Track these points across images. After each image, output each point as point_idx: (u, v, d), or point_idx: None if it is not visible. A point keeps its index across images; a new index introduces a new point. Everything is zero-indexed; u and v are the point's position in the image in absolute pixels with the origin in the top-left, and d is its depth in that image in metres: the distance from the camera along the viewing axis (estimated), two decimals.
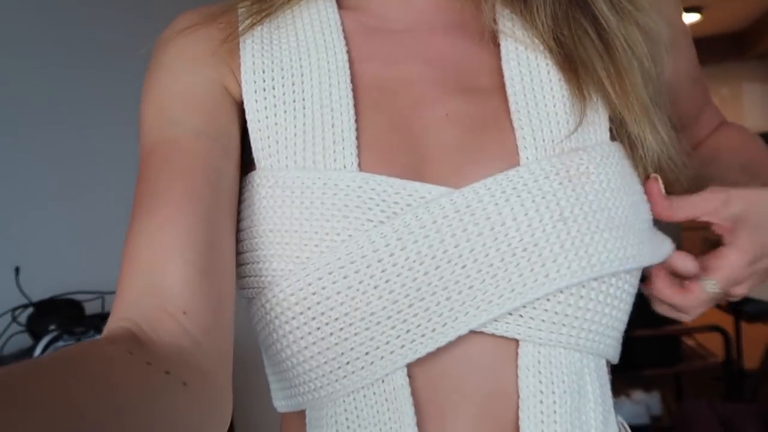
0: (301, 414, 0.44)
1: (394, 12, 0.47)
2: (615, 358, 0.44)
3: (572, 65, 0.42)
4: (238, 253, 0.43)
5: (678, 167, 0.46)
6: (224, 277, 0.37)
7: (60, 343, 1.19)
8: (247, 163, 0.44)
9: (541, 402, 0.39)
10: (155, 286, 0.33)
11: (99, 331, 1.24)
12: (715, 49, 5.65)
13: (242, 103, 0.44)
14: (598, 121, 0.43)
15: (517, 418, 0.39)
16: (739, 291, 0.47)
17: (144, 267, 0.34)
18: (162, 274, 0.34)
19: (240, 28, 0.44)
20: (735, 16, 4.92)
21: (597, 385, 0.41)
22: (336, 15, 0.45)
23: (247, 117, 0.43)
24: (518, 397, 0.39)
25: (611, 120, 0.44)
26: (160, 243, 0.35)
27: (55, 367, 0.24)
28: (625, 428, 0.50)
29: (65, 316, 1.29)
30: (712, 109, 0.62)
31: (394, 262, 0.38)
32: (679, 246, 0.47)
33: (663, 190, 0.45)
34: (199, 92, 0.42)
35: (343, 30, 0.45)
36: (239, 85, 0.44)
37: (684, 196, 0.44)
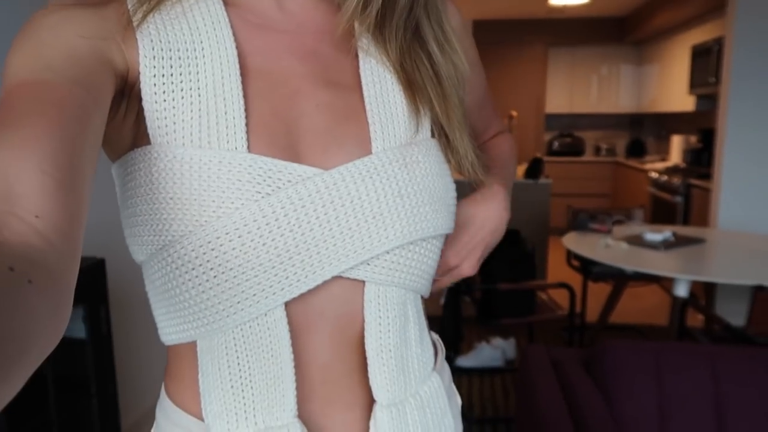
0: (191, 344, 0.52)
1: (273, 13, 0.55)
2: (426, 293, 0.60)
3: (411, 85, 0.56)
4: (132, 216, 0.50)
5: (474, 160, 0.61)
6: (81, 195, 0.37)
7: None
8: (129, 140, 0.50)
9: (379, 323, 0.54)
10: (7, 191, 0.33)
11: None
12: (599, 31, 6.07)
13: (125, 80, 0.48)
14: (424, 124, 0.57)
15: (362, 334, 0.54)
16: (465, 271, 0.67)
17: None
18: (17, 181, 0.33)
19: (136, 16, 0.48)
20: (619, 2, 5.27)
21: (415, 311, 0.58)
22: (224, 12, 0.51)
23: (144, 99, 0.48)
24: (363, 319, 0.54)
25: (432, 123, 0.59)
26: (20, 153, 0.34)
27: None
28: (438, 343, 0.68)
29: None
30: (496, 122, 0.81)
31: (279, 226, 0.48)
32: (548, 209, 0.67)
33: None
34: (82, 53, 0.43)
35: (231, 26, 0.51)
36: (128, 66, 0.48)
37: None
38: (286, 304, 0.50)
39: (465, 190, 0.63)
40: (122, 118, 0.49)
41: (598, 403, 1.43)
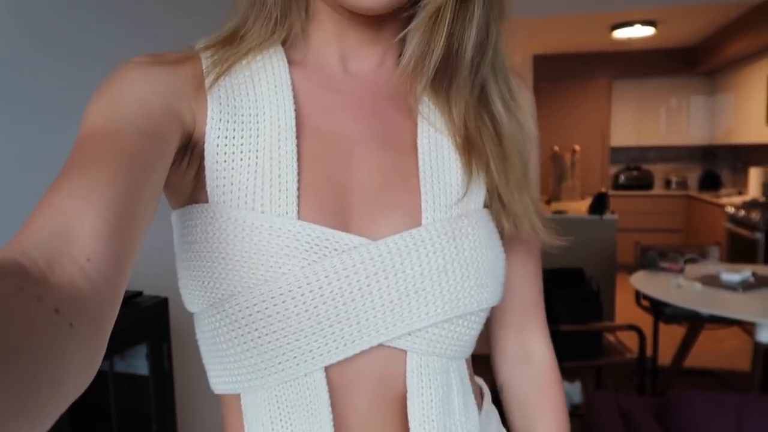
0: (237, 396, 0.54)
1: (337, 74, 0.56)
2: (468, 355, 0.59)
3: (469, 146, 0.55)
4: (187, 270, 0.51)
5: (534, 220, 0.58)
6: (133, 244, 0.37)
7: None
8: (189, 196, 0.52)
9: (422, 394, 0.53)
10: (66, 233, 0.33)
11: None
12: (666, 62, 5.89)
13: (191, 137, 0.50)
14: (477, 192, 0.56)
15: (402, 395, 0.53)
16: None
17: (60, 214, 0.34)
18: (76, 224, 0.34)
19: (208, 78, 0.51)
20: (687, 32, 5.12)
21: (458, 377, 0.56)
22: (287, 74, 0.53)
23: (206, 158, 0.50)
24: (404, 383, 0.53)
25: (487, 189, 0.57)
26: (83, 198, 0.35)
27: None
28: (484, 387, 0.66)
29: None
30: (541, 307, 0.72)
31: (322, 294, 0.48)
32: (614, 246, 0.60)
33: None
34: (154, 106, 0.45)
35: (292, 86, 0.53)
36: (195, 124, 0.50)
37: None
38: (327, 368, 0.51)
39: None
40: (185, 170, 0.51)
41: None
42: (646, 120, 6.39)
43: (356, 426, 0.53)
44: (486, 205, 0.58)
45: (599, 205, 3.98)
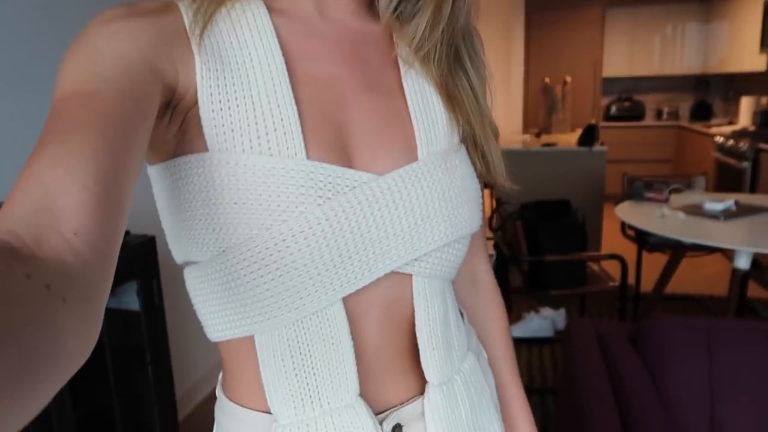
0: (247, 341, 0.55)
1: (315, 20, 0.57)
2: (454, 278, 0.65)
3: (449, 97, 0.60)
4: (188, 220, 0.51)
5: (501, 168, 0.65)
6: (120, 213, 0.37)
7: None
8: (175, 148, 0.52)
9: (428, 312, 0.58)
10: (50, 206, 0.33)
11: None
12: None
13: (174, 91, 0.49)
14: (454, 132, 0.61)
15: (409, 319, 0.59)
16: None
17: (42, 188, 0.34)
18: (59, 196, 0.33)
19: (194, 29, 0.50)
20: None
21: (451, 297, 0.63)
22: (269, 21, 0.53)
23: (201, 108, 0.49)
24: (411, 307, 0.58)
25: (464, 135, 0.63)
26: (65, 168, 0.34)
27: None
28: (462, 309, 0.72)
29: None
30: (483, 241, 0.79)
31: (341, 228, 0.51)
32: (603, 178, 0.66)
33: None
34: (134, 63, 0.44)
35: (277, 34, 0.53)
36: (178, 77, 0.49)
37: None
38: (343, 297, 0.54)
39: None
40: (166, 126, 0.50)
41: (642, 379, 1.40)
42: (639, 49, 6.28)
43: (370, 350, 0.57)
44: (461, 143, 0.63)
45: (589, 137, 3.97)
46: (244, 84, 0.50)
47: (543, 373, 2.72)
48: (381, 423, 0.57)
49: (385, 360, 0.58)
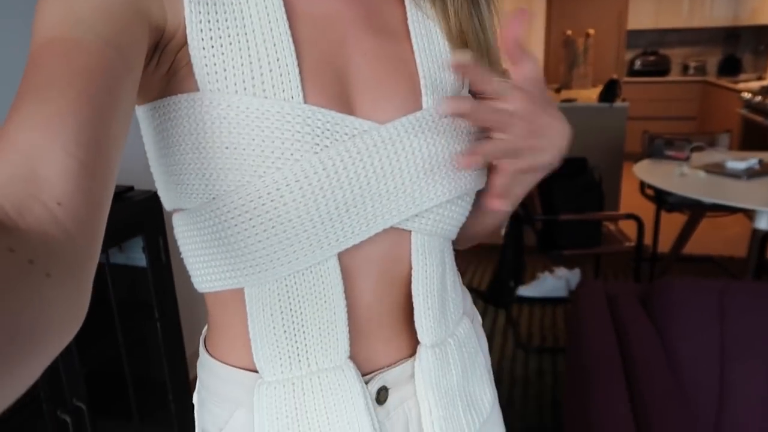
0: (236, 293, 0.53)
1: None
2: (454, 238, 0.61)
3: (458, 36, 0.56)
4: (176, 165, 0.48)
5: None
6: (106, 179, 0.35)
7: None
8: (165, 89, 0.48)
9: (426, 271, 0.56)
10: (31, 172, 0.31)
11: None
12: None
13: (162, 30, 0.45)
14: (466, 81, 0.57)
15: (404, 276, 0.56)
16: (537, 144, 0.49)
17: (22, 153, 0.32)
18: (41, 162, 0.32)
19: None
20: None
21: (449, 258, 0.61)
22: None
23: (191, 45, 0.45)
24: (408, 264, 0.56)
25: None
26: (46, 132, 0.33)
27: None
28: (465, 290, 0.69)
29: None
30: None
31: (338, 178, 0.48)
32: (623, 135, 0.59)
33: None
34: (117, 6, 0.40)
35: None
36: (166, 16, 0.45)
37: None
38: (339, 252, 0.51)
39: None
40: (154, 67, 0.47)
41: (651, 340, 1.37)
42: (666, 0, 6.02)
43: (362, 309, 0.55)
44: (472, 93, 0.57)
45: (610, 92, 3.85)
46: (237, 20, 0.46)
47: (555, 333, 2.71)
48: (366, 384, 0.55)
49: (377, 320, 0.56)
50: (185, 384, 1.79)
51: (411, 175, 0.51)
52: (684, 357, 1.38)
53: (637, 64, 6.25)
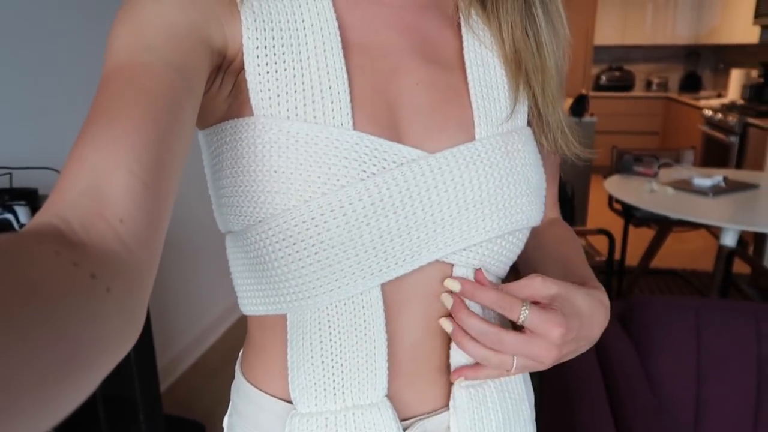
0: (279, 318, 0.52)
1: None
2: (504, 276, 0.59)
3: (517, 65, 0.54)
4: (229, 187, 0.49)
5: (569, 137, 0.58)
6: (165, 199, 0.36)
7: None
8: (222, 113, 0.49)
9: (469, 307, 0.52)
10: (97, 190, 0.33)
11: (4, 207, 1.25)
12: None
13: (224, 57, 0.46)
14: (522, 110, 0.55)
15: (449, 314, 0.52)
16: (548, 357, 0.49)
17: (90, 171, 0.33)
18: (106, 181, 0.33)
19: None
20: None
21: None
22: None
23: (248, 70, 0.47)
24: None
25: (529, 107, 0.56)
26: (112, 152, 0.34)
27: None
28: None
29: None
30: (555, 202, 0.70)
31: (383, 207, 0.47)
32: (592, 150, 0.57)
33: (488, 278, 0.52)
34: (182, 31, 0.42)
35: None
36: (227, 43, 0.46)
37: (510, 283, 0.51)
38: (382, 284, 0.50)
39: None
40: (216, 91, 0.48)
41: (631, 358, 1.39)
42: (632, 17, 6.19)
43: (407, 344, 0.53)
44: (529, 123, 0.57)
45: (579, 107, 3.92)
46: (294, 47, 0.47)
47: None
48: (405, 431, 0.53)
49: (421, 357, 0.54)
50: (157, 402, 1.73)
51: (459, 207, 0.49)
52: (663, 373, 1.40)
53: (603, 79, 6.40)
